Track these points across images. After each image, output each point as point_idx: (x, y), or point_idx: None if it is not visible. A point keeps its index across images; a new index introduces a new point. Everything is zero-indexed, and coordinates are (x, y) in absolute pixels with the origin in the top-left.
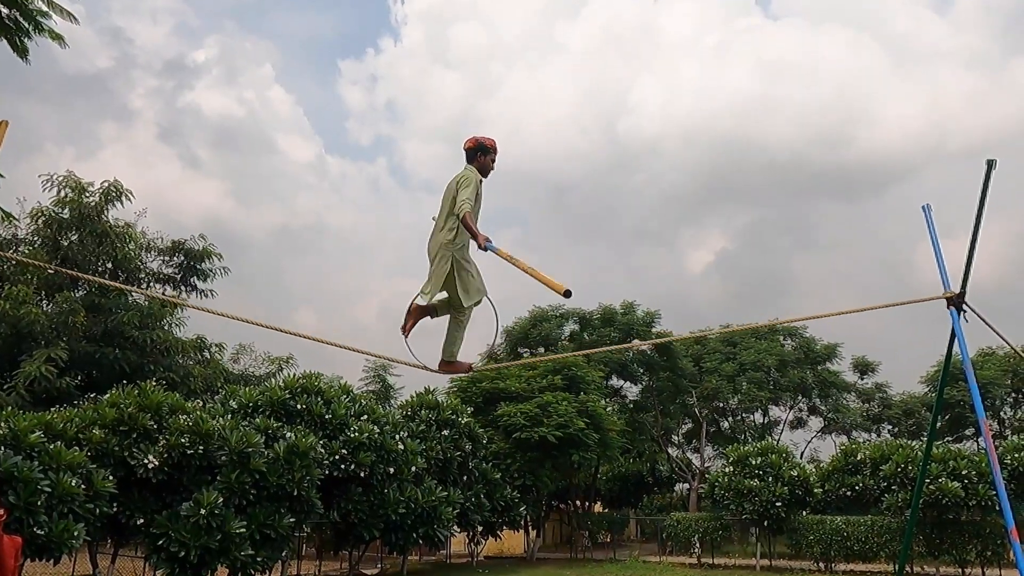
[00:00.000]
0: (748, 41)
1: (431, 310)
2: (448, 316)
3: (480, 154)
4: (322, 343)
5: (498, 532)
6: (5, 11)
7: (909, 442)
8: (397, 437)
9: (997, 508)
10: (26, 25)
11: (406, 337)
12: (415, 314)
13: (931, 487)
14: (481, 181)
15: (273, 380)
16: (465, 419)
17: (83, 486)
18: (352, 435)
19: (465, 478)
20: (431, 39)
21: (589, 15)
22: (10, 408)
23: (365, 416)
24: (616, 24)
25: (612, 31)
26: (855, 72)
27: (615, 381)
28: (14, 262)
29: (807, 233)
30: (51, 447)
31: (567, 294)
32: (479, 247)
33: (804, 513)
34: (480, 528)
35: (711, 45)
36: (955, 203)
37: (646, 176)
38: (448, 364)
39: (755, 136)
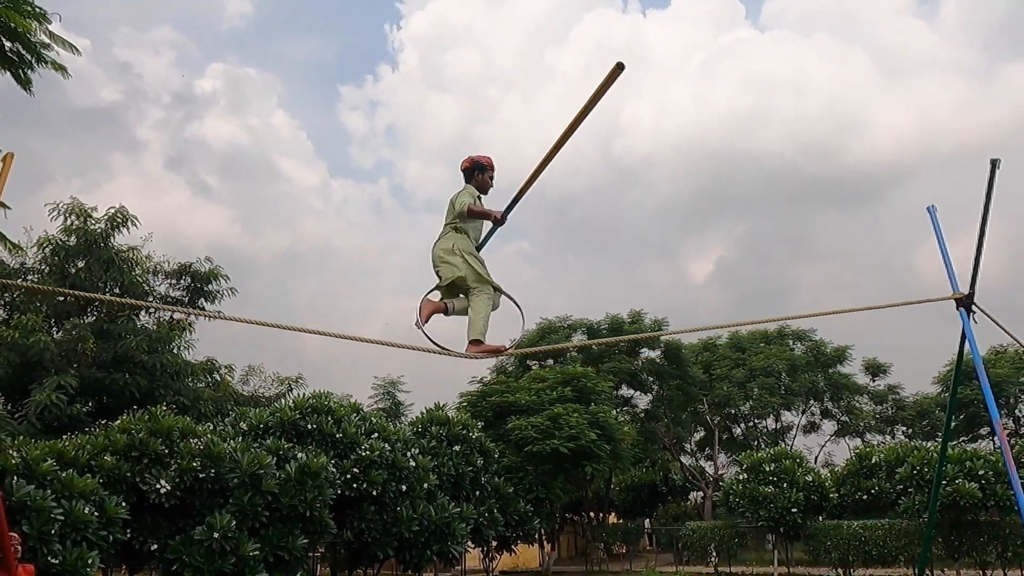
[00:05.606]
0: (737, 54)
1: (444, 307)
2: (468, 307)
3: (478, 172)
4: (337, 337)
5: (513, 546)
6: (8, 44)
7: (924, 444)
8: (408, 454)
9: (1016, 508)
10: (28, 57)
11: (422, 326)
12: (427, 308)
13: (948, 489)
14: (479, 197)
15: (283, 401)
16: (476, 434)
17: (96, 513)
18: (363, 453)
19: (478, 493)
20: (427, 65)
21: (577, 37)
22: (22, 437)
23: (376, 434)
24: (604, 45)
25: (600, 52)
26: (845, 82)
27: (625, 391)
28: (22, 291)
29: (804, 241)
30: (63, 475)
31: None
32: (496, 222)
33: (820, 519)
34: (494, 543)
35: (700, 60)
36: (949, 206)
37: (643, 191)
38: (477, 344)
39: (747, 148)
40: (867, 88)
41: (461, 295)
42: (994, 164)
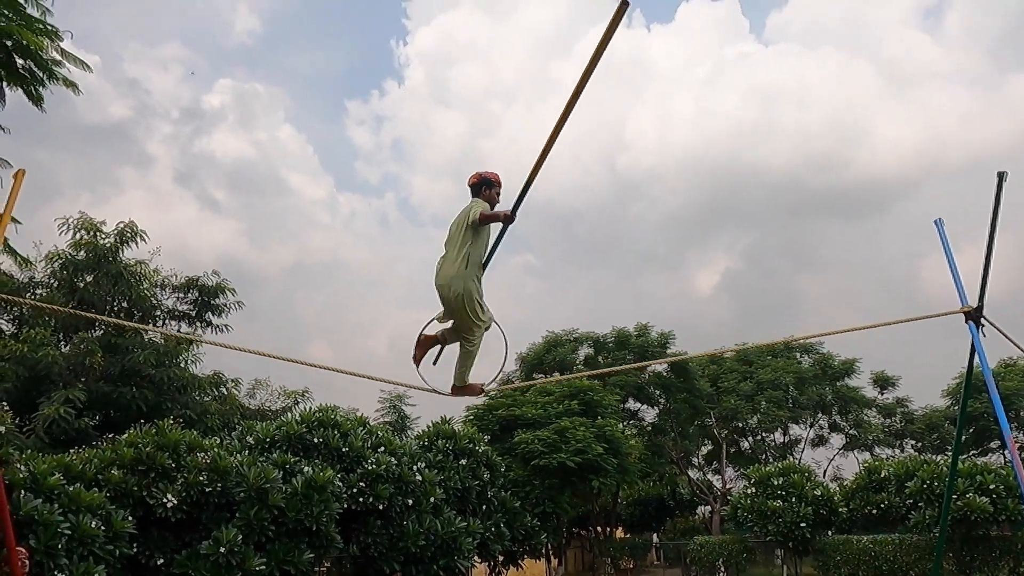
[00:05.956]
0: (741, 68)
1: (440, 339)
2: (458, 344)
3: (485, 188)
4: (339, 372)
5: (519, 561)
6: (20, 62)
7: (934, 457)
8: (415, 468)
9: None
10: (40, 74)
11: (417, 367)
12: (424, 344)
13: (959, 503)
14: None
15: (289, 414)
16: (482, 447)
17: (103, 527)
18: (370, 467)
19: (484, 507)
20: (432, 80)
21: (581, 51)
22: (29, 451)
23: (382, 448)
24: (608, 58)
25: (604, 66)
26: (849, 94)
27: (632, 404)
28: (29, 307)
29: (809, 253)
30: (70, 489)
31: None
32: (507, 219)
33: (829, 533)
34: (501, 558)
35: (704, 73)
36: (955, 217)
37: (648, 203)
38: (460, 388)
39: (751, 160)
40: (871, 100)
41: (457, 325)
42: (1001, 177)
